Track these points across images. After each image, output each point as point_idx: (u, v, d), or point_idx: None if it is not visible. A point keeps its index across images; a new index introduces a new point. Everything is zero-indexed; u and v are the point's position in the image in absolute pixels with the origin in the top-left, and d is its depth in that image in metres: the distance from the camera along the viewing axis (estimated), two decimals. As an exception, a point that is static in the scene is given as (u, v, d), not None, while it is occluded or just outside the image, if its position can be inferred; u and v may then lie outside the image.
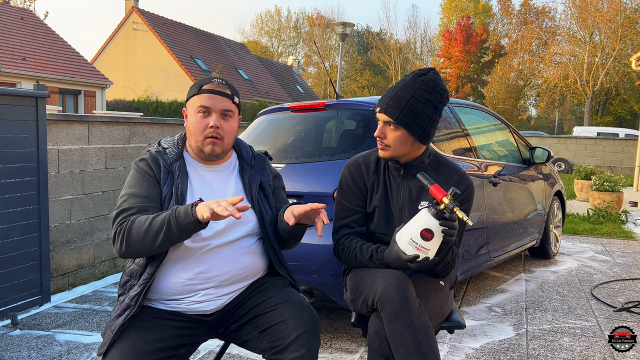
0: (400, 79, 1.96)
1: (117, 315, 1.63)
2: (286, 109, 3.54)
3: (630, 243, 6.07)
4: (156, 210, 1.64)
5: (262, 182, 1.81)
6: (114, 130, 4.42)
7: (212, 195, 1.72)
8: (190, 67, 25.61)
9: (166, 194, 1.67)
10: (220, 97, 1.71)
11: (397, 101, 1.86)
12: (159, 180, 1.69)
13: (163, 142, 1.79)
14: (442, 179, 1.98)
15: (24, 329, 3.17)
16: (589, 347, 3.01)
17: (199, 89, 1.71)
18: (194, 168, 1.76)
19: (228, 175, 1.79)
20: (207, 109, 1.70)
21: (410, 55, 47.07)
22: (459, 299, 3.91)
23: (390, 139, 1.89)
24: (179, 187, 1.67)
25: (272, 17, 51.77)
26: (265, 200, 1.80)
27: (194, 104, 1.72)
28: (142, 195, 1.65)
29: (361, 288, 1.85)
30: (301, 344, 1.58)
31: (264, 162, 1.87)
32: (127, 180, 1.71)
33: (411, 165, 1.97)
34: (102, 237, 4.37)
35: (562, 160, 17.54)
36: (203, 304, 1.68)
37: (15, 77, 16.31)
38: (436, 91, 1.88)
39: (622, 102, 35.89)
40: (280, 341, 1.60)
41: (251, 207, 1.75)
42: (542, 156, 4.65)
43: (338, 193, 2.06)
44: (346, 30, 12.69)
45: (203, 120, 1.70)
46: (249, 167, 1.82)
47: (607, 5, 30.79)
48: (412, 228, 1.71)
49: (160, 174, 1.69)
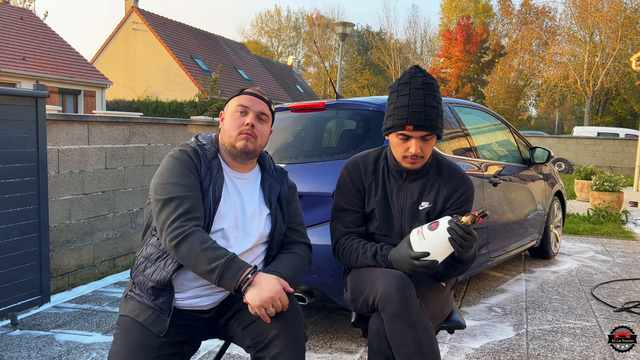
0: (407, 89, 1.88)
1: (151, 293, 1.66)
2: (286, 109, 3.54)
3: (630, 243, 6.07)
4: (200, 201, 1.64)
5: (280, 194, 1.86)
6: (114, 130, 4.42)
7: (240, 201, 1.76)
8: (190, 67, 25.60)
9: (206, 189, 1.69)
10: (259, 100, 1.79)
11: (431, 115, 1.85)
12: (199, 173, 1.70)
13: (201, 138, 1.82)
14: (443, 180, 1.97)
15: (24, 329, 3.17)
16: (589, 347, 3.01)
17: (241, 91, 1.81)
18: (226, 172, 1.79)
19: (253, 184, 1.83)
20: (245, 109, 1.76)
21: (410, 55, 47.07)
22: (459, 299, 3.90)
23: (427, 150, 1.89)
24: (217, 187, 1.70)
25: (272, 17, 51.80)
26: (281, 211, 1.84)
27: (233, 104, 1.79)
28: (185, 185, 1.64)
29: (362, 288, 1.85)
30: (283, 338, 1.57)
31: (284, 175, 1.92)
32: (165, 168, 1.68)
33: (412, 171, 1.96)
34: (101, 237, 4.37)
35: (562, 160, 17.54)
36: (200, 298, 1.70)
37: (15, 77, 16.31)
38: (438, 87, 1.92)
39: (622, 102, 35.89)
40: (261, 337, 1.60)
41: (269, 214, 1.80)
42: (542, 156, 4.65)
43: (336, 193, 2.06)
44: (346, 30, 12.69)
45: (240, 118, 1.76)
46: (270, 177, 1.86)
47: (607, 5, 30.79)
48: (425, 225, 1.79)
49: (200, 167, 1.71)
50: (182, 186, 1.63)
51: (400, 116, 1.85)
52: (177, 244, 1.56)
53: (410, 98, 1.85)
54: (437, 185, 1.97)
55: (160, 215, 1.62)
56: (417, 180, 1.97)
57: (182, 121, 5.28)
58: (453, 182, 1.97)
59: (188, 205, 1.61)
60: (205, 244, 1.56)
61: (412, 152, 1.86)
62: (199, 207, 1.63)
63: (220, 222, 1.70)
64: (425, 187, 1.96)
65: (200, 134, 1.84)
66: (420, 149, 1.87)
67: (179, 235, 1.56)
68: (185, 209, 1.60)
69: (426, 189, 1.96)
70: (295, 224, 1.88)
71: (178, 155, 1.70)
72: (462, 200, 1.96)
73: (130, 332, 1.62)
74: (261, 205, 1.80)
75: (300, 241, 1.87)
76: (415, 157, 1.88)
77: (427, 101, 1.85)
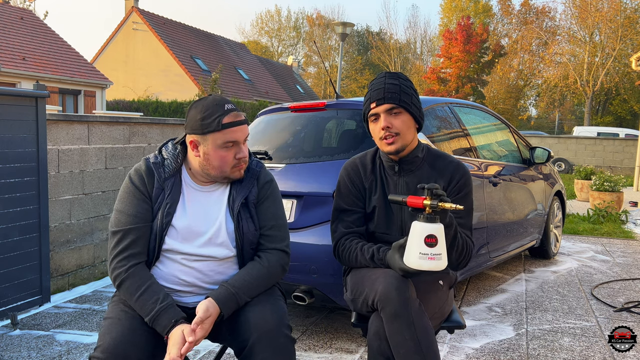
0: (375, 79, 2.01)
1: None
2: (286, 109, 3.54)
3: (630, 243, 6.07)
4: (145, 230, 1.69)
5: (247, 199, 1.76)
6: (114, 130, 4.42)
7: (203, 215, 1.72)
8: (190, 67, 25.60)
9: (156, 212, 1.70)
10: (241, 126, 1.69)
11: (391, 89, 1.92)
12: (151, 196, 1.71)
13: (164, 151, 1.76)
14: (438, 172, 1.99)
15: (24, 329, 3.17)
16: (589, 347, 3.01)
17: (220, 126, 1.64)
18: (190, 187, 1.75)
19: (220, 194, 1.77)
20: (234, 143, 1.68)
21: (410, 55, 47.08)
22: (459, 299, 3.91)
23: (398, 125, 1.92)
24: (167, 207, 1.69)
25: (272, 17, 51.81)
26: (251, 219, 1.75)
27: (216, 140, 1.65)
28: (132, 214, 1.69)
29: (361, 288, 1.85)
30: (266, 345, 1.54)
31: (256, 174, 1.80)
32: (120, 192, 1.74)
33: (405, 161, 1.98)
34: (102, 237, 4.37)
35: (562, 160, 17.54)
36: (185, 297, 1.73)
37: (15, 77, 16.31)
38: (406, 77, 1.99)
39: (622, 102, 35.88)
40: (244, 342, 1.58)
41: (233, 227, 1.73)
42: (542, 156, 4.65)
43: (336, 194, 2.07)
44: (346, 30, 12.69)
45: (229, 152, 1.68)
46: (238, 183, 1.77)
47: (607, 5, 30.79)
48: (414, 243, 1.65)
49: (153, 189, 1.71)
50: (127, 216, 1.69)
51: (365, 100, 1.99)
52: (118, 286, 1.67)
53: (373, 85, 1.98)
54: (432, 178, 1.98)
55: (109, 245, 1.72)
56: (412, 173, 1.99)
57: (182, 121, 5.28)
58: (448, 171, 1.99)
59: (129, 239, 1.67)
60: (136, 293, 1.63)
61: (381, 125, 1.91)
62: (140, 241, 1.68)
63: (174, 242, 1.70)
64: (421, 181, 1.98)
65: (167, 143, 1.78)
66: (391, 123, 1.91)
67: (117, 277, 1.67)
68: (125, 245, 1.67)
69: (421, 182, 1.98)
70: (265, 229, 1.77)
71: (132, 177, 1.72)
72: (460, 186, 1.98)
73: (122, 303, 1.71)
74: (227, 219, 1.73)
75: (273, 247, 1.76)
76: (389, 133, 1.91)
77: (386, 80, 1.95)
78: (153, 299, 1.61)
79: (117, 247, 1.68)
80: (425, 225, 1.64)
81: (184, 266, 1.71)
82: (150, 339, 1.60)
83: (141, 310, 1.61)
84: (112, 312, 1.66)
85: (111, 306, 1.71)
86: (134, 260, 1.67)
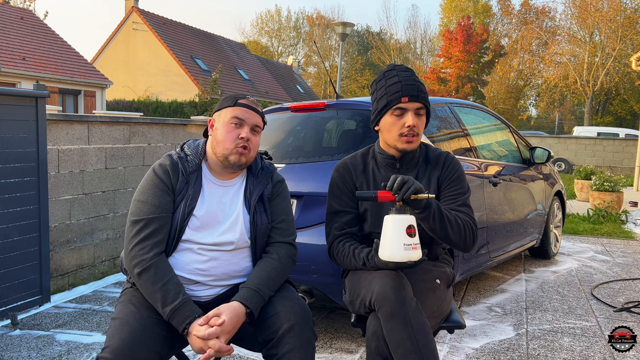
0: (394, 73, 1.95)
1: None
2: (286, 109, 3.54)
3: (630, 243, 6.07)
4: (167, 220, 1.71)
5: (262, 194, 1.85)
6: (114, 130, 4.42)
7: (220, 211, 1.78)
8: (190, 67, 25.60)
9: (179, 204, 1.74)
10: (254, 112, 1.80)
11: (421, 88, 1.92)
12: (174, 189, 1.75)
13: (186, 147, 1.84)
14: (432, 165, 2.02)
15: (24, 329, 3.17)
16: (589, 347, 3.01)
17: (235, 102, 1.79)
18: (209, 181, 1.81)
19: (237, 191, 1.84)
20: (241, 121, 1.77)
21: (410, 55, 47.07)
22: (459, 299, 3.91)
23: (420, 126, 1.94)
24: (189, 201, 1.74)
25: (272, 17, 51.79)
26: (264, 213, 1.84)
27: (227, 115, 1.78)
28: (155, 205, 1.72)
29: (358, 289, 1.85)
30: (294, 336, 1.60)
31: (270, 173, 1.90)
32: (143, 184, 1.77)
33: (407, 158, 2.01)
34: (102, 237, 4.37)
35: (562, 160, 17.54)
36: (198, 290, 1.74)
37: (15, 77, 16.31)
38: None
39: (622, 102, 35.88)
40: (272, 334, 1.62)
41: (250, 219, 1.81)
42: (542, 156, 4.65)
43: (329, 196, 2.08)
44: (346, 30, 12.69)
45: (235, 130, 1.77)
46: (254, 178, 1.86)
47: (607, 5, 30.77)
48: (395, 237, 1.65)
49: (177, 182, 1.76)
50: (150, 205, 1.71)
51: (394, 91, 1.91)
52: (139, 273, 1.66)
53: (400, 77, 1.93)
54: (427, 172, 2.01)
55: (127, 234, 1.72)
56: (410, 171, 2.01)
57: (182, 121, 5.28)
58: (439, 161, 2.02)
59: (152, 228, 1.69)
60: (160, 282, 1.64)
61: (409, 124, 1.89)
62: (163, 230, 1.71)
63: (194, 233, 1.74)
64: (417, 177, 2.00)
65: (187, 141, 1.88)
66: (416, 123, 1.91)
67: (139, 264, 1.66)
68: (147, 233, 1.69)
69: (419, 178, 2.00)
70: (277, 222, 1.86)
71: (156, 171, 1.77)
72: (451, 170, 2.00)
73: (135, 296, 1.72)
74: (243, 211, 1.81)
75: (282, 241, 1.85)
76: (412, 132, 1.90)
77: (415, 78, 1.94)
78: (176, 289, 1.64)
79: (138, 235, 1.69)
80: (404, 217, 1.67)
81: (200, 255, 1.74)
82: (159, 340, 1.60)
83: (163, 298, 1.62)
84: (120, 312, 1.66)
85: (119, 306, 1.71)
86: (157, 249, 1.69)
